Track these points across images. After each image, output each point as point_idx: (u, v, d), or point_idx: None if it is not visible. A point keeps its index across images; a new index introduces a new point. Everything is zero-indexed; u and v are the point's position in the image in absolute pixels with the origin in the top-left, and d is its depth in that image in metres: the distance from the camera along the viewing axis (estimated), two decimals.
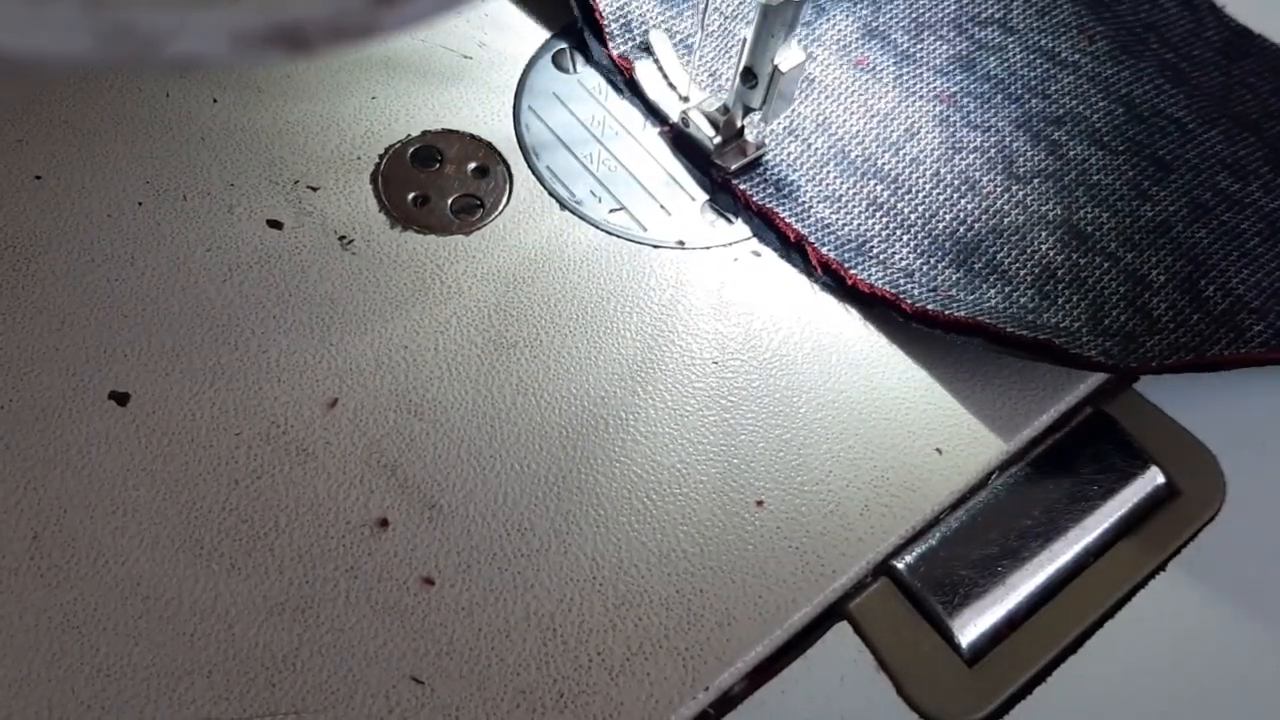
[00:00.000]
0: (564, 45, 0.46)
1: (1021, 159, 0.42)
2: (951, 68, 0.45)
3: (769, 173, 0.42)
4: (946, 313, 0.37)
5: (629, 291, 0.39)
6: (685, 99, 0.43)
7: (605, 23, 0.45)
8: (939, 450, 0.36)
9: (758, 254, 0.41)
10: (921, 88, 0.44)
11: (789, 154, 0.42)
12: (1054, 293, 0.39)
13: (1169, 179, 0.42)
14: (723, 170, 0.42)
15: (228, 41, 0.18)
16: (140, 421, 0.35)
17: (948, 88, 0.44)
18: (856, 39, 0.46)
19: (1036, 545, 0.35)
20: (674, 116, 0.43)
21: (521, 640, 0.32)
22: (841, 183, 0.41)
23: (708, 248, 0.41)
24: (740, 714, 0.32)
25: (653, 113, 0.44)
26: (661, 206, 0.42)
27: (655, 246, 0.41)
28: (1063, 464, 0.37)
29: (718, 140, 0.42)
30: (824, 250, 0.40)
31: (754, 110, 0.40)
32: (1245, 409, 0.39)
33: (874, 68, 0.45)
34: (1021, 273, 0.39)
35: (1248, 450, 0.37)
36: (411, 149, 0.42)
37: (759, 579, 0.33)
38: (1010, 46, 0.46)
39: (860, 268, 0.39)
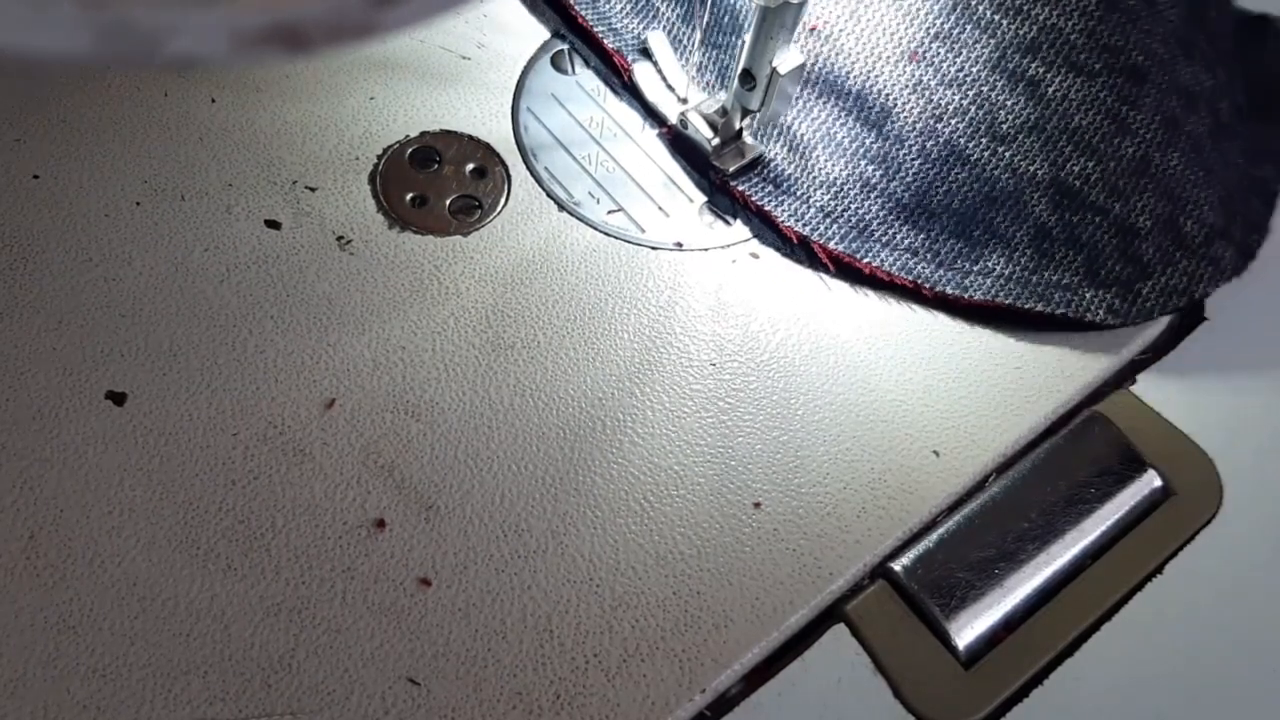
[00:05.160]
0: (563, 47, 0.46)
1: (1003, 113, 0.41)
2: (914, 2, 0.42)
3: (766, 171, 0.42)
4: (966, 296, 0.39)
5: (627, 293, 0.39)
6: (684, 100, 0.43)
7: (591, 25, 0.44)
8: (936, 453, 0.36)
9: (756, 256, 0.41)
10: (885, 44, 0.42)
11: (779, 147, 0.42)
12: (1051, 250, 0.40)
13: (1143, 94, 0.42)
14: (721, 172, 0.42)
15: (226, 41, 0.18)
16: (137, 421, 0.34)
17: (914, 36, 0.42)
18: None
19: (1033, 548, 0.35)
20: (672, 118, 0.43)
21: (518, 641, 0.32)
22: (834, 166, 0.42)
23: (706, 249, 0.41)
24: (737, 716, 0.32)
25: (651, 114, 0.44)
26: (660, 208, 0.42)
27: (653, 248, 0.41)
28: (1060, 467, 0.37)
29: (716, 142, 0.42)
30: (831, 244, 0.40)
31: (752, 112, 0.40)
32: (1242, 411, 0.39)
33: (830, 33, 0.42)
34: (1019, 235, 0.40)
35: (1244, 453, 0.38)
36: (410, 150, 0.42)
37: (756, 581, 0.33)
38: None
39: (869, 254, 0.40)
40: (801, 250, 0.41)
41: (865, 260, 0.40)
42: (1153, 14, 0.42)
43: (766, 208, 0.41)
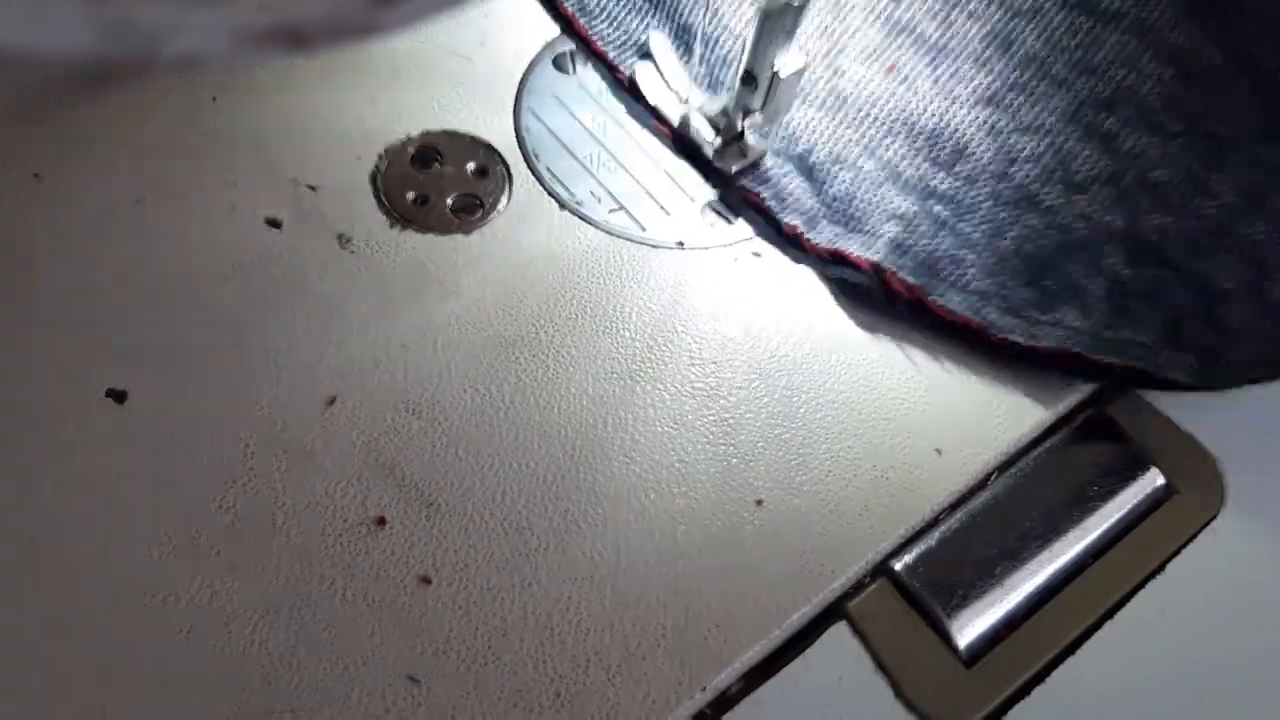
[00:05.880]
0: (565, 47, 0.46)
1: (1078, 161, 0.41)
2: (988, 53, 0.43)
3: (833, 210, 0.40)
4: (1031, 344, 0.37)
5: (628, 292, 0.39)
6: (685, 101, 0.43)
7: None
8: (938, 451, 0.36)
9: (758, 254, 0.41)
10: (961, 90, 0.42)
11: (842, 182, 0.41)
12: (1127, 307, 0.38)
13: (1224, 161, 0.41)
14: (722, 172, 0.42)
15: (228, 40, 0.18)
16: (138, 420, 0.34)
17: (990, 85, 0.42)
18: (882, 40, 0.44)
19: (1035, 546, 0.35)
20: (674, 118, 0.43)
21: (519, 639, 0.32)
22: (903, 200, 0.40)
23: (707, 248, 0.41)
24: (738, 714, 0.32)
25: (653, 114, 0.44)
26: (661, 207, 0.42)
27: (655, 247, 0.41)
28: (1062, 465, 0.37)
29: (718, 142, 0.42)
30: (904, 275, 0.38)
31: (754, 113, 0.40)
32: (1244, 411, 0.39)
33: (906, 75, 0.43)
34: (1093, 288, 0.39)
35: (1247, 452, 0.37)
36: (411, 149, 0.42)
37: (757, 579, 0.33)
38: (1047, 8, 0.44)
39: (937, 292, 0.38)
40: (875, 283, 0.38)
41: (932, 298, 0.38)
42: (1230, 89, 0.42)
43: (837, 246, 0.39)
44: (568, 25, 0.45)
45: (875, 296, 0.39)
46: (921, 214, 0.40)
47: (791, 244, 0.40)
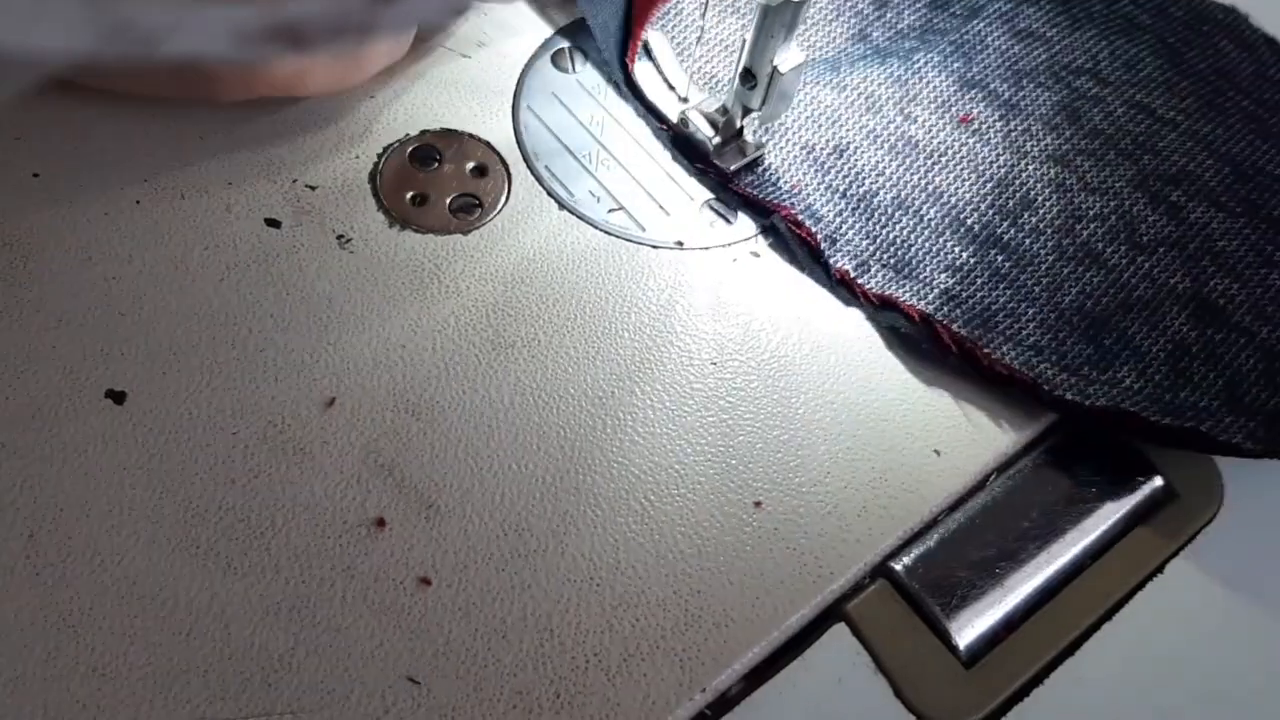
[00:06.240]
0: (563, 45, 0.46)
1: (1144, 225, 0.41)
2: (1058, 119, 0.44)
3: (891, 248, 0.40)
4: (1087, 402, 0.36)
5: (627, 292, 0.39)
6: (684, 99, 0.43)
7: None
8: (937, 452, 0.36)
9: (757, 254, 0.41)
10: (1032, 147, 0.43)
11: (902, 228, 0.41)
12: (1189, 370, 0.38)
13: None
14: (721, 171, 0.42)
15: (227, 39, 0.18)
16: (137, 420, 0.34)
17: (1059, 146, 0.43)
18: (955, 92, 0.44)
19: (1034, 547, 0.35)
20: (673, 117, 0.43)
21: (518, 641, 0.32)
22: (962, 251, 0.40)
23: (706, 248, 0.41)
24: (737, 715, 0.32)
25: (652, 113, 0.44)
26: (660, 207, 0.42)
27: (654, 247, 0.41)
28: (1061, 466, 0.37)
29: (717, 140, 0.42)
30: (954, 326, 0.38)
31: (753, 111, 0.40)
32: None
33: (979, 127, 0.43)
34: (1154, 349, 0.38)
35: None
36: (410, 148, 0.42)
37: (757, 580, 0.33)
38: (1109, 99, 0.45)
39: (991, 345, 0.38)
40: (924, 334, 0.38)
41: (986, 350, 0.38)
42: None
43: (887, 293, 0.39)
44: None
45: (926, 346, 0.38)
46: (980, 265, 0.40)
47: (839, 286, 0.40)
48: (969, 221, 0.41)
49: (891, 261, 0.40)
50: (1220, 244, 0.41)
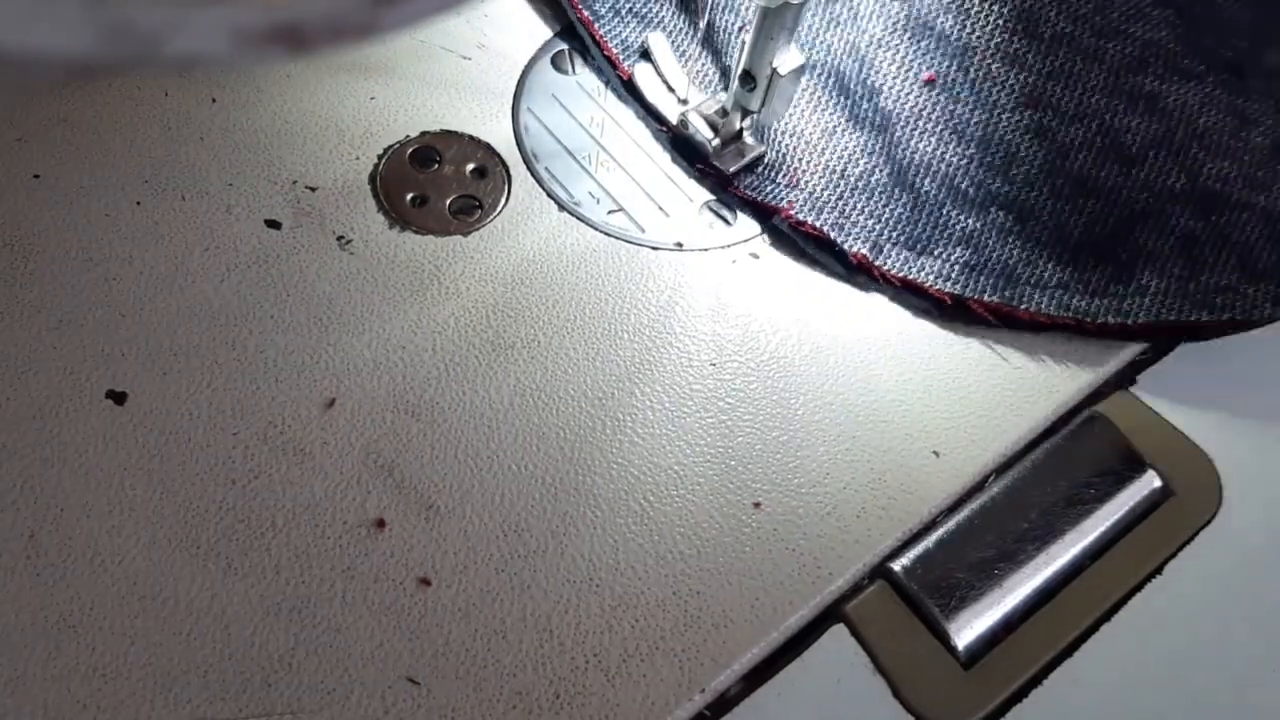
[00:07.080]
0: (563, 47, 0.46)
1: (1128, 135, 0.42)
2: (1017, 44, 0.43)
3: (900, 225, 0.41)
4: (1130, 322, 0.39)
5: (627, 293, 0.39)
6: (684, 101, 0.43)
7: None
8: (936, 453, 0.36)
9: (756, 256, 0.41)
10: (1001, 95, 0.43)
11: (904, 205, 0.41)
12: (1202, 255, 0.40)
13: (1248, 85, 0.43)
14: (721, 172, 0.42)
15: (227, 40, 0.18)
16: (138, 421, 0.34)
17: (1026, 81, 0.42)
18: (907, 46, 0.43)
19: (1033, 548, 0.35)
20: (673, 119, 0.43)
21: (518, 641, 0.32)
22: (966, 218, 0.41)
23: (706, 250, 0.41)
24: (736, 716, 0.32)
25: (651, 114, 0.44)
26: (660, 208, 0.42)
27: (653, 248, 0.41)
28: (1059, 467, 0.37)
29: (716, 142, 0.42)
30: (985, 296, 0.39)
31: (752, 113, 0.40)
32: (1241, 411, 0.39)
33: (945, 82, 0.43)
34: (1166, 248, 0.40)
35: (1244, 453, 0.38)
36: (410, 149, 0.42)
37: (756, 581, 0.33)
38: None
39: (1024, 298, 0.39)
40: (954, 309, 0.40)
41: (1023, 307, 0.39)
42: (1218, 15, 0.44)
43: (908, 275, 0.40)
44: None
45: (957, 317, 0.40)
46: (986, 228, 0.41)
47: (856, 272, 0.40)
48: (963, 187, 0.41)
49: (903, 239, 0.41)
50: (1201, 121, 0.42)
